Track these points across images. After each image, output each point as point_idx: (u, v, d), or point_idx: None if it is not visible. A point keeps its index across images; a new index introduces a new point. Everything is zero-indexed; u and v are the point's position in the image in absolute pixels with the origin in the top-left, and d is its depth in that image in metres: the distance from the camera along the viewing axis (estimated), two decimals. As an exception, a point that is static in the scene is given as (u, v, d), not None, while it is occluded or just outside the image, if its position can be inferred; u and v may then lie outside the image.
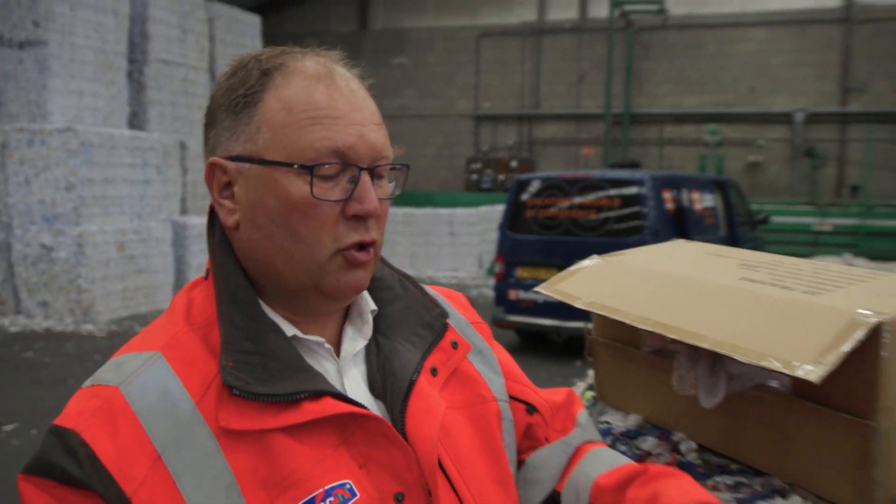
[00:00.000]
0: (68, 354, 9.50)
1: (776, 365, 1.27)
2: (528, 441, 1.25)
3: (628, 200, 8.60)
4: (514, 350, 9.72)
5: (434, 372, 1.07)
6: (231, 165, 0.98)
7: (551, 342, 9.75)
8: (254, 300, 0.96)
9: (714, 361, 1.46)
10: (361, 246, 0.97)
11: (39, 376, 8.43)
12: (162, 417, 0.86)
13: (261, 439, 0.87)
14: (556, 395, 1.33)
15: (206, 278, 1.02)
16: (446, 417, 1.03)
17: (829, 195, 19.98)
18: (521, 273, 9.10)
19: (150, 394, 0.88)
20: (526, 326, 9.18)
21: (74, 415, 0.87)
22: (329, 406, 0.91)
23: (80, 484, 0.82)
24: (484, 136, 23.77)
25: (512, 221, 9.26)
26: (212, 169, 1.00)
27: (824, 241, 17.25)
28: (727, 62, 20.79)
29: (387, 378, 1.02)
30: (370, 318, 1.08)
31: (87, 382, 0.92)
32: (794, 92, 20.46)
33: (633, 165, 11.57)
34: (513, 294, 9.09)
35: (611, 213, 8.64)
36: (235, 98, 0.98)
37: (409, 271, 19.92)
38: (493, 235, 13.68)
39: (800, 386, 1.41)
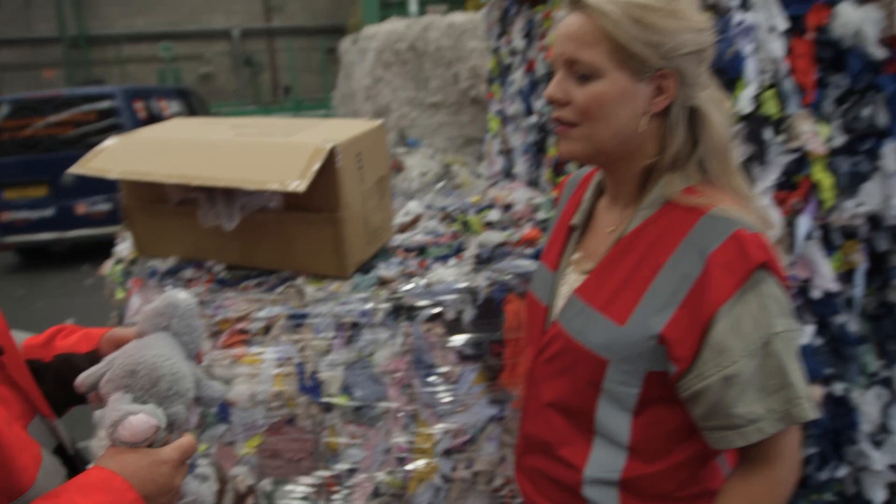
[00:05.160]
0: None
1: (275, 186, 1.53)
2: None
3: (103, 113, 8.06)
4: (17, 269, 8.63)
5: None
6: None
7: (54, 254, 8.86)
8: None
9: (229, 196, 1.66)
10: None
11: None
12: None
13: None
14: None
15: None
16: None
17: (268, 96, 20.85)
18: (10, 195, 8.01)
19: None
20: (26, 244, 8.18)
21: None
22: None
23: None
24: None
25: (-11, 147, 8.02)
26: None
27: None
28: (167, -15, 19.89)
29: None
30: None
31: None
32: (228, 12, 20.50)
33: (98, 83, 10.64)
34: (6, 216, 8.00)
35: (89, 127, 7.98)
36: None
37: None
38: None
39: (290, 202, 1.70)
